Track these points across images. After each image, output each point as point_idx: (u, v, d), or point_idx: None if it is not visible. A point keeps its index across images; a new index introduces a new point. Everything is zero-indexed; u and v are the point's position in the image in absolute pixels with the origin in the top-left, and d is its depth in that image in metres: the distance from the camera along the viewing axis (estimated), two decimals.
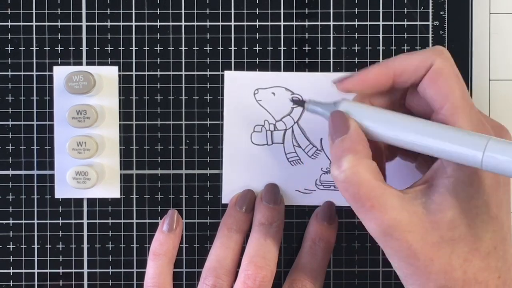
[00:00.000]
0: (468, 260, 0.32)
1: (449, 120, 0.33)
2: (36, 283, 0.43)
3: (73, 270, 0.43)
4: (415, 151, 0.33)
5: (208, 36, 0.42)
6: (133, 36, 0.42)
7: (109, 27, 0.42)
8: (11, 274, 0.43)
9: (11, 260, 0.43)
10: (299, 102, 0.37)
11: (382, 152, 0.38)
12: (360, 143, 0.33)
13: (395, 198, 0.32)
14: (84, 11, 0.42)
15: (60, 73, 0.42)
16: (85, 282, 0.43)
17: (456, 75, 0.34)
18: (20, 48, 0.42)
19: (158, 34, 0.42)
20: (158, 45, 0.42)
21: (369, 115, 0.34)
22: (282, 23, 0.42)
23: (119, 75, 0.42)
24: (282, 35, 0.42)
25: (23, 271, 0.43)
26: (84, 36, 0.42)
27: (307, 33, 0.42)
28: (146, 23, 0.42)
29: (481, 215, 0.32)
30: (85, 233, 0.43)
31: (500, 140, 0.30)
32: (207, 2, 0.42)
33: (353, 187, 0.33)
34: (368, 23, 0.42)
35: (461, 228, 0.32)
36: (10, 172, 0.43)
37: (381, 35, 0.42)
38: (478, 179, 0.32)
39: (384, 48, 0.42)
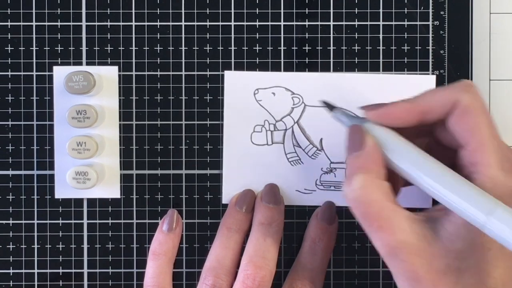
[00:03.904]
0: None
1: (474, 156, 0.33)
2: (36, 283, 0.43)
3: (73, 270, 0.43)
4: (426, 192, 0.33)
5: (208, 36, 0.42)
6: (133, 36, 0.42)
7: (109, 27, 0.42)
8: (11, 274, 0.43)
9: (11, 260, 0.43)
10: (329, 106, 0.38)
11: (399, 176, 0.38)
12: (374, 162, 0.33)
13: (404, 220, 0.32)
14: (84, 11, 0.42)
15: (60, 73, 0.42)
16: (85, 282, 0.43)
17: (483, 111, 0.33)
18: (20, 48, 0.42)
19: (158, 34, 0.42)
20: (158, 45, 0.42)
21: (391, 144, 0.34)
22: (282, 23, 0.42)
23: (119, 75, 0.42)
24: (282, 35, 0.42)
25: (23, 271, 0.43)
26: (84, 36, 0.42)
27: (307, 33, 0.42)
28: (146, 23, 0.42)
29: (493, 250, 0.32)
30: (85, 233, 0.43)
31: (509, 210, 0.29)
32: (207, 2, 0.42)
33: (362, 207, 0.33)
34: (368, 23, 0.42)
35: (469, 260, 0.32)
36: (10, 172, 0.43)
37: (381, 35, 0.42)
38: None
39: (384, 48, 0.42)
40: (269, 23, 0.42)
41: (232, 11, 0.42)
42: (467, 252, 0.32)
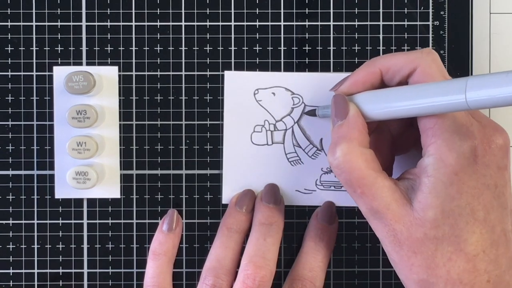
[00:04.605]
0: (452, 260, 0.32)
1: (429, 121, 0.33)
2: (36, 283, 0.43)
3: (73, 270, 0.43)
4: (412, 117, 0.34)
5: (208, 36, 0.42)
6: (133, 36, 0.42)
7: (109, 27, 0.42)
8: (11, 274, 0.43)
9: (11, 260, 0.43)
10: (311, 112, 0.41)
11: (391, 143, 0.39)
12: (356, 130, 0.35)
13: (386, 188, 0.34)
14: (84, 11, 0.42)
15: (60, 73, 0.42)
16: (85, 282, 0.43)
17: (440, 76, 0.34)
18: (20, 48, 0.42)
19: (158, 34, 0.42)
20: (158, 45, 0.42)
21: (364, 98, 0.36)
22: (282, 23, 0.42)
23: (119, 75, 0.42)
24: (282, 35, 0.42)
25: (23, 271, 0.43)
26: (84, 36, 0.42)
27: (307, 33, 0.42)
28: (146, 23, 0.42)
29: (465, 216, 0.32)
30: (85, 233, 0.43)
31: (478, 76, 0.30)
32: (207, 2, 0.42)
33: (345, 174, 0.34)
34: (368, 23, 0.42)
35: (444, 228, 0.32)
36: (10, 172, 0.43)
37: (381, 35, 0.42)
38: (459, 180, 0.32)
39: (384, 48, 0.42)
40: (269, 23, 0.42)
41: (232, 11, 0.42)
42: (440, 220, 0.32)
